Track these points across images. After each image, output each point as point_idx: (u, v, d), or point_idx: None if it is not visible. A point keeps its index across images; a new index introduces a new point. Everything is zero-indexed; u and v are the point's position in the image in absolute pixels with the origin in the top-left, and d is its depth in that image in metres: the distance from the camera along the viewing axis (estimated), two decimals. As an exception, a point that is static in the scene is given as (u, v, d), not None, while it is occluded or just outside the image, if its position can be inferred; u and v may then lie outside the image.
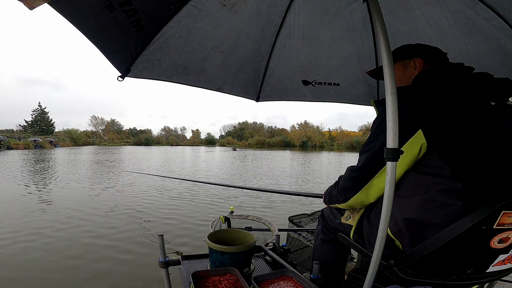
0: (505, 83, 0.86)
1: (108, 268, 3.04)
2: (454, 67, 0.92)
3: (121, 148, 48.92)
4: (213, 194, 7.17)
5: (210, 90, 1.82)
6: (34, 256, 3.30)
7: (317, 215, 2.12)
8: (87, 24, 1.04)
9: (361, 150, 0.95)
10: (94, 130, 79.83)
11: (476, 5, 1.26)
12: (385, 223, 0.74)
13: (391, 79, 0.73)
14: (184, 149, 49.29)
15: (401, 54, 1.06)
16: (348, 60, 1.82)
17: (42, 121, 64.30)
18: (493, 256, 0.78)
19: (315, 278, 1.10)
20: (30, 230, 4.22)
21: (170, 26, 1.35)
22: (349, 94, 2.05)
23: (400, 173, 0.85)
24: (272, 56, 1.79)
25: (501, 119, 0.82)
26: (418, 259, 0.80)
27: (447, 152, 0.79)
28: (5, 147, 34.90)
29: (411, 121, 0.80)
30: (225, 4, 1.34)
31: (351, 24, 1.57)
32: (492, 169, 0.77)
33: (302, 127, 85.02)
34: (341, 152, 44.59)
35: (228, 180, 10.74)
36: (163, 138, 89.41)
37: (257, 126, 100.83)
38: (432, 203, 0.79)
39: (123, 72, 1.43)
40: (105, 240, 3.90)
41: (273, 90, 2.03)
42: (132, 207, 5.83)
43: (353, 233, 1.04)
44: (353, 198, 0.97)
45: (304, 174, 12.94)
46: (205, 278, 1.00)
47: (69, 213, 5.23)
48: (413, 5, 1.38)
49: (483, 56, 1.49)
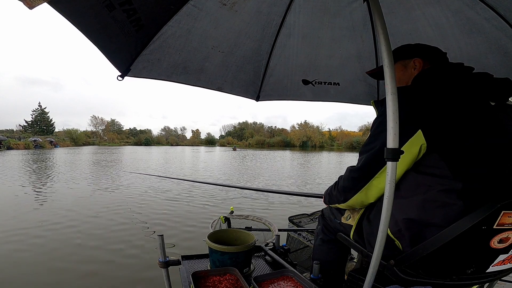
0: (505, 83, 0.86)
1: (108, 268, 3.04)
2: (454, 67, 0.92)
3: (121, 148, 48.91)
4: (213, 195, 7.17)
5: (210, 89, 1.82)
6: (25, 255, 3.30)
7: (317, 215, 2.12)
8: (87, 23, 1.04)
9: (361, 150, 0.94)
10: (94, 130, 79.88)
11: (476, 5, 1.26)
12: (385, 223, 0.73)
13: (391, 79, 0.73)
14: (184, 149, 49.28)
15: (401, 54, 1.06)
16: (348, 60, 1.82)
17: (42, 121, 64.28)
18: (493, 256, 0.78)
19: (315, 278, 1.09)
20: (21, 230, 4.21)
21: (170, 25, 1.35)
22: (349, 93, 2.05)
23: (400, 173, 0.85)
24: (272, 55, 1.79)
25: (501, 119, 0.82)
26: (418, 259, 0.80)
27: (447, 152, 0.79)
28: (5, 147, 34.88)
29: (410, 121, 0.80)
30: (225, 4, 1.34)
31: (351, 23, 1.57)
32: (492, 169, 0.77)
33: (302, 127, 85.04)
34: (341, 152, 44.60)
35: (228, 180, 10.73)
36: (163, 138, 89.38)
37: (257, 126, 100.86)
38: (432, 203, 0.79)
39: (123, 72, 1.43)
40: (105, 240, 3.90)
41: (273, 90, 2.03)
42: (131, 207, 5.83)
43: (353, 233, 1.04)
44: (353, 198, 0.97)
45: (304, 176, 12.92)
46: (205, 278, 1.00)
47: (66, 213, 5.23)
48: (413, 5, 1.38)
49: (483, 56, 1.49)
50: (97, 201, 6.33)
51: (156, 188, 7.97)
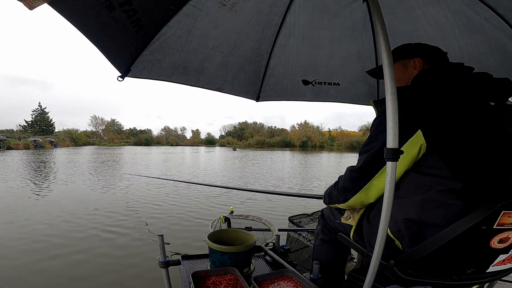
0: (505, 83, 0.86)
1: (108, 269, 3.04)
2: (454, 67, 0.92)
3: (121, 148, 48.88)
4: (212, 195, 7.17)
5: (210, 90, 1.82)
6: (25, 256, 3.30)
7: (317, 215, 2.12)
8: (87, 24, 1.04)
9: (361, 150, 0.94)
10: (94, 130, 79.88)
11: (476, 5, 1.26)
12: (385, 223, 0.73)
13: (391, 79, 0.73)
14: (184, 149, 49.26)
15: (400, 53, 1.06)
16: (348, 60, 1.82)
17: (42, 121, 64.26)
18: (493, 256, 0.78)
19: (315, 278, 1.10)
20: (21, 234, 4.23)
21: (170, 26, 1.35)
22: (349, 93, 2.05)
23: (399, 173, 0.85)
24: (272, 56, 1.79)
25: (501, 119, 0.82)
26: (418, 259, 0.80)
27: (446, 152, 0.79)
28: (5, 147, 34.91)
29: (410, 121, 0.80)
30: (225, 4, 1.34)
31: (351, 23, 1.57)
32: (492, 169, 0.77)
33: (302, 127, 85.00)
34: (341, 152, 44.55)
35: (228, 181, 10.73)
36: (163, 138, 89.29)
37: (257, 126, 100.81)
38: (432, 203, 0.79)
39: (123, 72, 1.43)
40: (105, 240, 3.90)
41: (273, 90, 2.03)
42: (131, 207, 5.83)
43: (353, 233, 1.04)
44: (353, 198, 0.97)
45: (304, 178, 12.90)
46: (205, 278, 1.00)
47: (66, 213, 5.23)
48: (413, 5, 1.38)
49: (483, 56, 1.49)
50: (97, 201, 6.33)
51: (156, 189, 7.97)
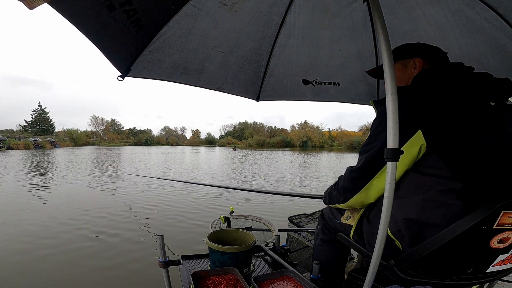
0: (505, 83, 0.86)
1: (107, 269, 3.04)
2: (454, 67, 0.92)
3: (121, 148, 48.87)
4: (212, 195, 7.17)
5: (210, 89, 1.82)
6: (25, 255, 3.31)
7: (317, 215, 2.12)
8: (87, 24, 1.04)
9: (361, 150, 0.94)
10: (94, 130, 79.85)
11: (476, 5, 1.26)
12: (385, 223, 0.73)
13: (391, 79, 0.73)
14: (184, 149, 49.25)
15: (400, 53, 1.06)
16: (348, 60, 1.82)
17: (42, 121, 64.27)
18: (493, 256, 0.78)
19: (315, 278, 1.09)
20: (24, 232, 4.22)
21: (170, 25, 1.35)
22: (349, 93, 2.05)
23: (399, 173, 0.85)
24: (272, 55, 1.79)
25: (501, 119, 0.82)
26: (418, 259, 0.80)
27: (446, 152, 0.79)
28: (5, 147, 34.92)
29: (410, 121, 0.80)
30: (225, 4, 1.34)
31: (351, 23, 1.57)
32: (491, 169, 0.77)
33: (302, 127, 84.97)
34: (341, 153, 44.53)
35: (228, 181, 10.72)
36: (163, 138, 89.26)
37: (257, 126, 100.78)
38: (432, 203, 0.79)
39: (123, 72, 1.43)
40: (105, 240, 3.90)
41: (273, 90, 2.03)
42: (131, 207, 5.83)
43: (353, 233, 1.04)
44: (353, 198, 0.97)
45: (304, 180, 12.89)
46: (205, 278, 1.00)
47: (65, 213, 5.23)
48: (413, 5, 1.38)
49: (483, 56, 1.48)
50: (97, 201, 6.33)
51: (156, 189, 7.97)
